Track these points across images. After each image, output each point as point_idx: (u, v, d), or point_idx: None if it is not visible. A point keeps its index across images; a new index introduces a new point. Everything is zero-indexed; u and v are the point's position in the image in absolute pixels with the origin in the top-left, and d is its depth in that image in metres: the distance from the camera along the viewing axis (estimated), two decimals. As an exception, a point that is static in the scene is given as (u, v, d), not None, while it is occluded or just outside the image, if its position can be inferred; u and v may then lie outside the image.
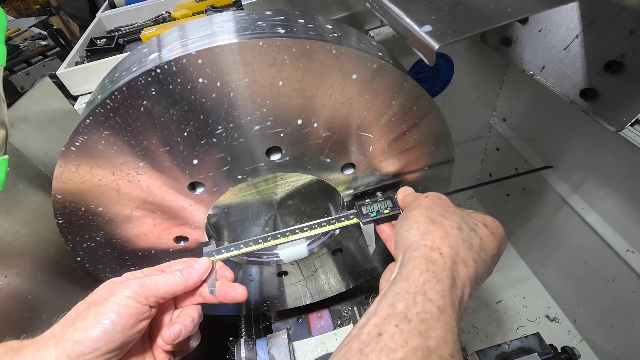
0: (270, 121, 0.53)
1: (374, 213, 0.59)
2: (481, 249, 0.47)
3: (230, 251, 0.58)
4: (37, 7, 3.33)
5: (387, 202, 0.60)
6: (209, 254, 0.58)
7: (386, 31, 0.83)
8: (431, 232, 0.46)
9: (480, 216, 0.52)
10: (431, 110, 0.58)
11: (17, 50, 1.80)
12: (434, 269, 0.42)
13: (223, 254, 0.58)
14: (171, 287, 0.51)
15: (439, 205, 0.51)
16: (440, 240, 0.45)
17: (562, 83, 0.74)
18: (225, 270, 0.58)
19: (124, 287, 0.47)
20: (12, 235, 0.62)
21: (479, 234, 0.48)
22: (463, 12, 0.44)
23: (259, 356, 0.74)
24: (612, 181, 0.91)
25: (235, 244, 0.57)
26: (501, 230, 0.51)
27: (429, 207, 0.50)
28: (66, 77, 0.84)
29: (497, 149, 1.34)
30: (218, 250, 0.58)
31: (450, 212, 0.49)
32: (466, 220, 0.49)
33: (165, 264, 0.57)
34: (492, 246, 0.48)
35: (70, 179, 0.53)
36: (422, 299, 0.40)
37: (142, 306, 0.46)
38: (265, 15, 0.53)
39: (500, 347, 0.72)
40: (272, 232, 0.58)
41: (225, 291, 0.55)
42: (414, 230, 0.47)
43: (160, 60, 0.46)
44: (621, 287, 0.96)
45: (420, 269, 0.42)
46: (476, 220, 0.50)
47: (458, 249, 0.45)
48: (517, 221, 1.33)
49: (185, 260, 0.58)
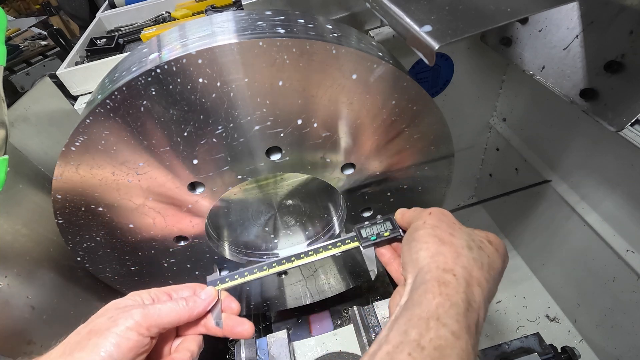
0: (270, 121, 0.53)
1: (374, 236, 0.57)
2: (490, 268, 0.45)
3: (234, 279, 0.56)
4: (37, 7, 3.33)
5: (386, 224, 0.58)
6: (213, 282, 0.56)
7: (386, 31, 0.83)
8: (442, 253, 0.44)
9: (483, 232, 0.50)
10: (431, 110, 0.58)
11: (17, 50, 1.80)
12: (447, 292, 0.40)
13: (227, 282, 0.56)
14: (175, 317, 0.48)
15: (445, 223, 0.48)
16: (452, 261, 0.43)
17: (562, 83, 0.74)
18: (232, 301, 0.56)
19: (126, 316, 0.45)
20: (12, 235, 0.62)
21: (487, 252, 0.46)
22: (463, 12, 0.44)
23: (259, 356, 0.74)
24: (612, 181, 0.91)
25: (240, 272, 0.56)
26: (503, 246, 0.50)
27: (435, 226, 0.48)
28: (66, 77, 0.84)
29: (497, 149, 1.34)
30: (222, 279, 0.56)
31: (458, 230, 0.48)
32: (473, 238, 0.47)
33: (172, 288, 0.54)
34: (498, 263, 0.47)
35: (70, 179, 0.53)
36: (435, 324, 0.38)
37: (143, 339, 0.45)
38: (265, 15, 0.53)
39: (500, 347, 0.72)
40: (276, 259, 0.57)
41: (232, 325, 0.53)
42: (424, 251, 0.45)
43: (160, 60, 0.46)
44: (621, 287, 0.96)
45: (433, 292, 0.40)
46: (481, 237, 0.48)
47: (471, 270, 0.43)
48: (517, 221, 1.33)
49: (191, 286, 0.55)
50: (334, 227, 0.78)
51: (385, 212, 0.71)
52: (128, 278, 0.69)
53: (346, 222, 0.73)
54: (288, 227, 0.80)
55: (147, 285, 0.71)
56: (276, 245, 0.83)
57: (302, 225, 0.81)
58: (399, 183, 0.67)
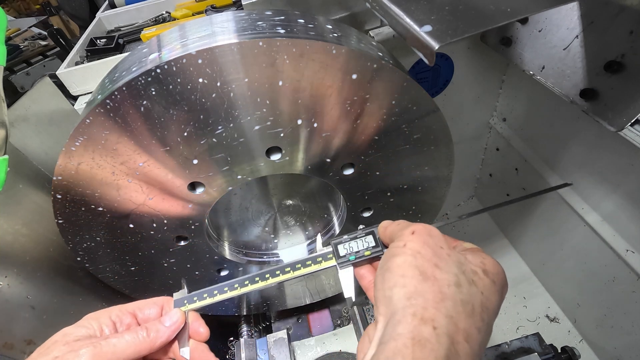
0: (270, 121, 0.53)
1: (353, 256, 0.49)
2: (484, 311, 0.36)
3: (203, 299, 0.50)
4: (37, 7, 3.33)
5: (368, 240, 0.50)
6: (180, 302, 0.49)
7: (386, 31, 0.83)
8: (422, 294, 0.35)
9: (478, 257, 0.41)
10: (431, 110, 0.58)
11: (17, 50, 1.79)
12: (422, 356, 0.31)
13: (196, 302, 0.49)
14: (133, 352, 0.42)
15: (430, 248, 0.39)
16: (434, 306, 0.34)
17: (562, 83, 0.74)
18: (200, 325, 0.48)
19: (74, 357, 0.38)
20: (12, 235, 0.62)
21: (480, 287, 0.37)
22: (463, 12, 0.44)
23: (259, 356, 0.74)
24: (612, 181, 0.91)
25: (209, 290, 0.50)
26: (502, 275, 0.41)
27: (417, 252, 0.39)
28: (66, 77, 0.84)
29: (497, 149, 1.33)
30: (190, 298, 0.50)
31: (445, 258, 0.38)
32: (464, 269, 0.38)
33: (137, 305, 0.48)
34: (494, 301, 0.38)
35: (70, 179, 0.53)
36: None
37: None
38: (265, 15, 0.53)
39: (500, 347, 0.72)
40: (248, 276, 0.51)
41: (198, 359, 0.47)
42: (399, 288, 0.36)
43: (160, 60, 0.46)
44: (621, 287, 0.96)
45: (404, 355, 0.31)
46: (475, 265, 0.39)
47: (458, 319, 0.34)
48: (517, 221, 1.33)
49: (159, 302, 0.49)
50: (334, 227, 0.78)
51: (385, 212, 0.72)
52: (128, 278, 0.69)
53: (346, 222, 0.73)
54: (288, 227, 0.80)
55: (147, 285, 0.71)
56: (276, 245, 0.83)
57: (302, 225, 0.81)
58: (399, 183, 0.67)
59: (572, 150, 1.01)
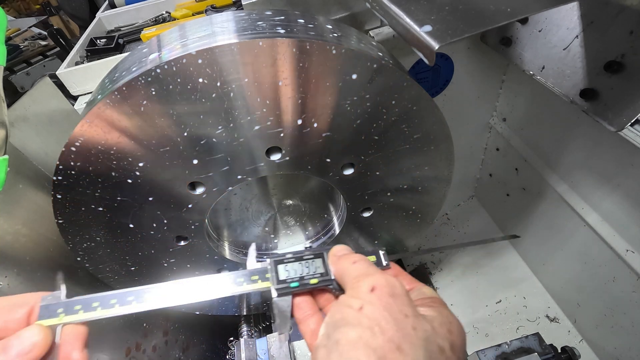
0: (270, 121, 0.53)
1: (296, 282, 0.40)
2: None
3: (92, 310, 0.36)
4: (37, 7, 3.33)
5: (315, 264, 0.42)
6: (50, 311, 0.34)
7: (386, 31, 0.83)
8: None
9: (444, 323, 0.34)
10: (431, 110, 0.58)
11: (17, 50, 1.80)
12: None
13: (78, 313, 0.35)
14: None
15: (393, 318, 0.31)
16: None
17: (562, 83, 0.74)
18: (74, 348, 0.33)
19: None
20: (12, 235, 0.62)
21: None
22: (463, 12, 0.44)
23: (259, 356, 0.74)
24: (612, 181, 0.91)
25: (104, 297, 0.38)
26: (464, 339, 0.36)
27: (375, 326, 0.31)
28: (66, 77, 0.84)
29: (497, 149, 1.33)
30: (68, 306, 0.35)
31: (409, 335, 0.31)
32: (431, 348, 0.31)
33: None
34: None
35: (70, 179, 0.53)
36: None
37: None
38: (265, 15, 0.53)
39: (500, 347, 0.72)
40: (147, 286, 0.43)
41: None
42: None
43: (160, 60, 0.46)
44: (621, 287, 0.96)
45: None
46: (442, 338, 0.33)
47: None
48: (517, 221, 1.33)
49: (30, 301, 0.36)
50: (334, 227, 0.78)
51: (385, 213, 0.72)
52: (128, 278, 0.69)
53: (346, 222, 0.73)
54: (288, 227, 0.80)
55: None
56: (276, 245, 0.83)
57: (302, 225, 0.81)
58: (399, 183, 0.67)
59: (572, 150, 1.01)
